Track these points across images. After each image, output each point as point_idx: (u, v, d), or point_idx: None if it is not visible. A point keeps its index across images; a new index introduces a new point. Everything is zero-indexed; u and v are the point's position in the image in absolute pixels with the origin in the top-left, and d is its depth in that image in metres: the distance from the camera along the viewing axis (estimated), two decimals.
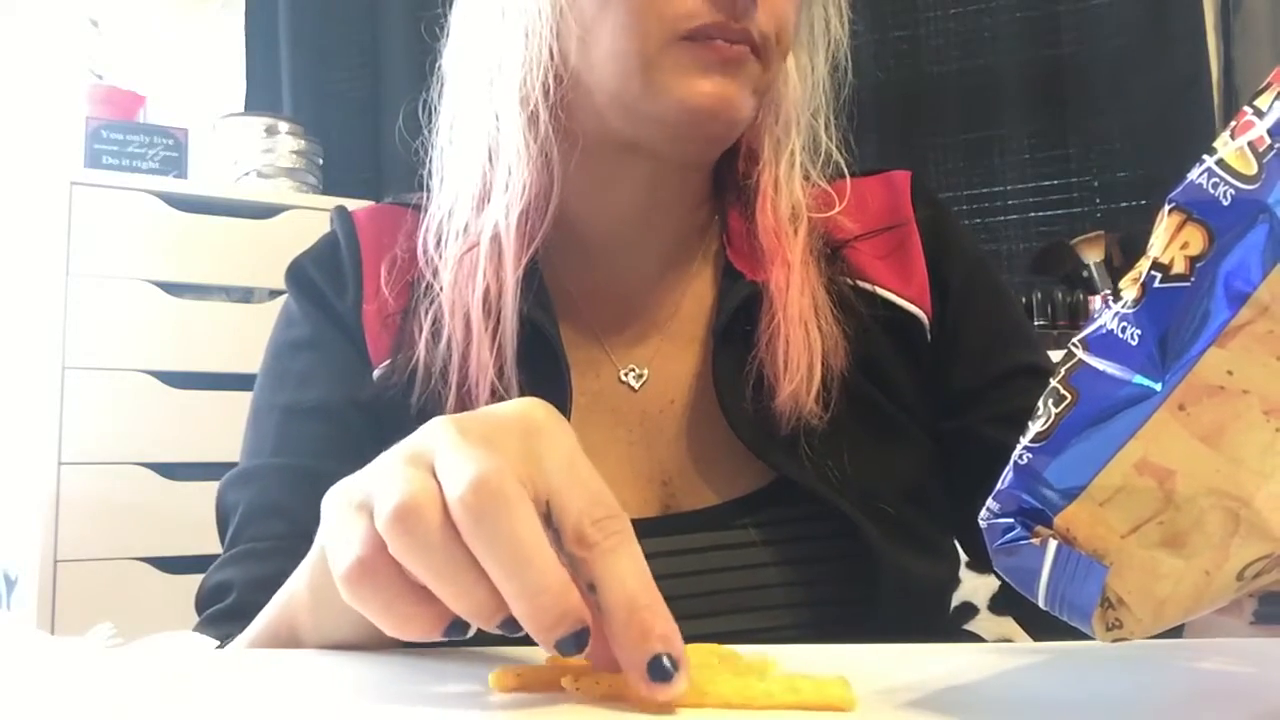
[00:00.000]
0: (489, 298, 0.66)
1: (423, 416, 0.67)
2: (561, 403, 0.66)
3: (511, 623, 0.37)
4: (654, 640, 0.36)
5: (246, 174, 2.21)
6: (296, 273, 0.75)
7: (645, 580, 0.37)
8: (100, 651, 0.50)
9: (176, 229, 2.00)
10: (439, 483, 0.37)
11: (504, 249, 0.67)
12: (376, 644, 0.48)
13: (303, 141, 2.27)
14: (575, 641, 0.36)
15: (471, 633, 0.39)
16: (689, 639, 0.50)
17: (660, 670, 0.36)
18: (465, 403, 0.66)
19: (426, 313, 0.68)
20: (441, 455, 0.38)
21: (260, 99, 2.57)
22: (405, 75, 2.55)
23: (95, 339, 1.90)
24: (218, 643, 0.53)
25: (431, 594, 0.37)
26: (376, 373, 0.70)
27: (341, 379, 0.70)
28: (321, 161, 2.31)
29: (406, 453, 0.39)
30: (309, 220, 2.06)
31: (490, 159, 0.69)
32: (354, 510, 0.39)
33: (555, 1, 0.65)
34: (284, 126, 2.26)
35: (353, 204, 0.84)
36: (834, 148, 0.74)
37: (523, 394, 0.65)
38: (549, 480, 0.38)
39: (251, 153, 2.22)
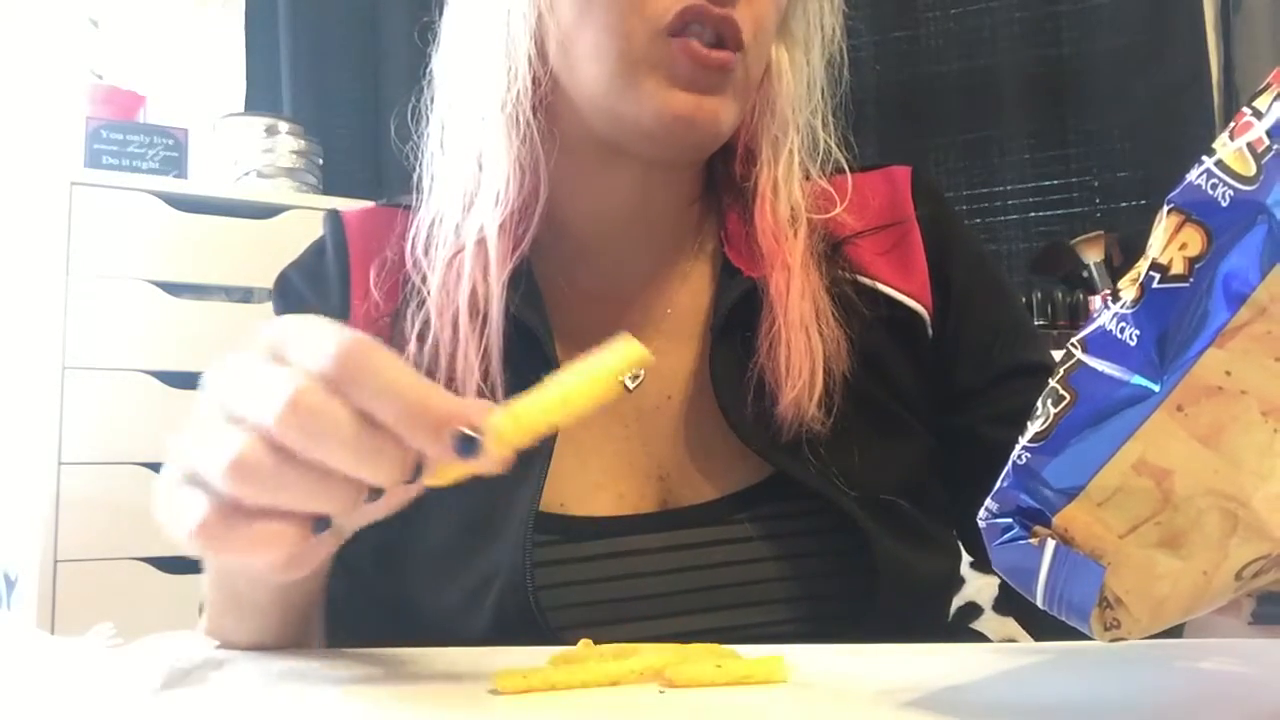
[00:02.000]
0: (475, 300, 0.67)
1: None
2: None
3: (418, 470, 0.40)
4: (454, 420, 0.39)
5: (246, 174, 2.21)
6: (282, 285, 0.76)
7: (410, 376, 0.39)
8: (100, 651, 0.50)
9: (176, 229, 2.00)
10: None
11: (490, 252, 0.67)
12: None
13: (303, 141, 2.27)
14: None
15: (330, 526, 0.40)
16: (688, 635, 0.50)
17: (466, 445, 0.39)
18: None
19: (415, 316, 0.68)
20: (291, 344, 0.40)
21: (260, 99, 2.57)
22: (405, 76, 2.53)
23: (95, 339, 1.90)
24: (217, 643, 0.53)
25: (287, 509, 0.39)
26: None
27: None
28: (321, 161, 2.31)
29: (258, 357, 0.41)
30: (309, 220, 2.06)
31: (477, 163, 0.69)
32: (219, 423, 0.40)
33: (535, 4, 0.66)
34: (284, 126, 2.26)
35: (352, 204, 0.84)
36: (834, 145, 0.74)
37: (509, 394, 0.66)
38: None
39: (251, 153, 2.22)
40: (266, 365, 0.40)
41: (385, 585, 0.68)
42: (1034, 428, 0.33)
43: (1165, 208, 0.32)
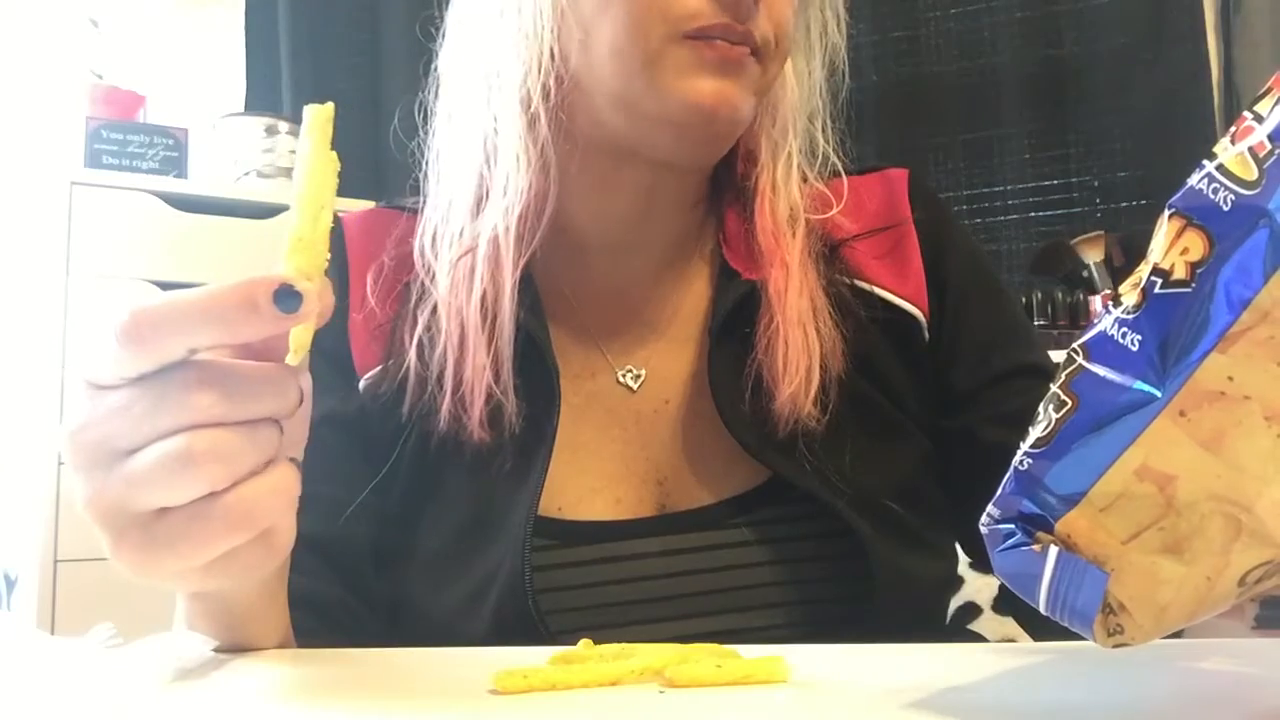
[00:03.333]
0: (486, 302, 0.66)
1: (416, 422, 0.67)
2: (550, 405, 0.66)
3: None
4: (257, 289, 0.39)
5: (246, 174, 2.21)
6: None
7: (190, 297, 0.39)
8: (100, 651, 0.50)
9: (176, 229, 2.00)
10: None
11: (501, 253, 0.66)
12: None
13: None
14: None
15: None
16: (685, 638, 0.50)
17: (286, 300, 0.39)
18: (460, 407, 0.66)
19: (420, 318, 0.68)
20: (94, 369, 0.40)
21: (260, 99, 2.57)
22: (405, 75, 2.54)
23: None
24: (216, 643, 0.53)
25: None
26: (363, 382, 0.70)
27: (319, 399, 0.70)
28: None
29: (90, 396, 0.40)
30: None
31: (488, 162, 0.68)
32: (113, 459, 0.40)
33: (556, 2, 0.65)
34: (284, 126, 2.26)
35: (352, 205, 0.84)
36: (831, 150, 0.74)
37: (519, 397, 0.65)
38: None
39: (251, 153, 2.22)
40: (105, 397, 0.40)
41: (384, 589, 0.68)
42: (1035, 433, 0.33)
43: (1167, 212, 0.32)
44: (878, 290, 0.71)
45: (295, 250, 0.41)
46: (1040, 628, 0.70)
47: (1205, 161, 0.31)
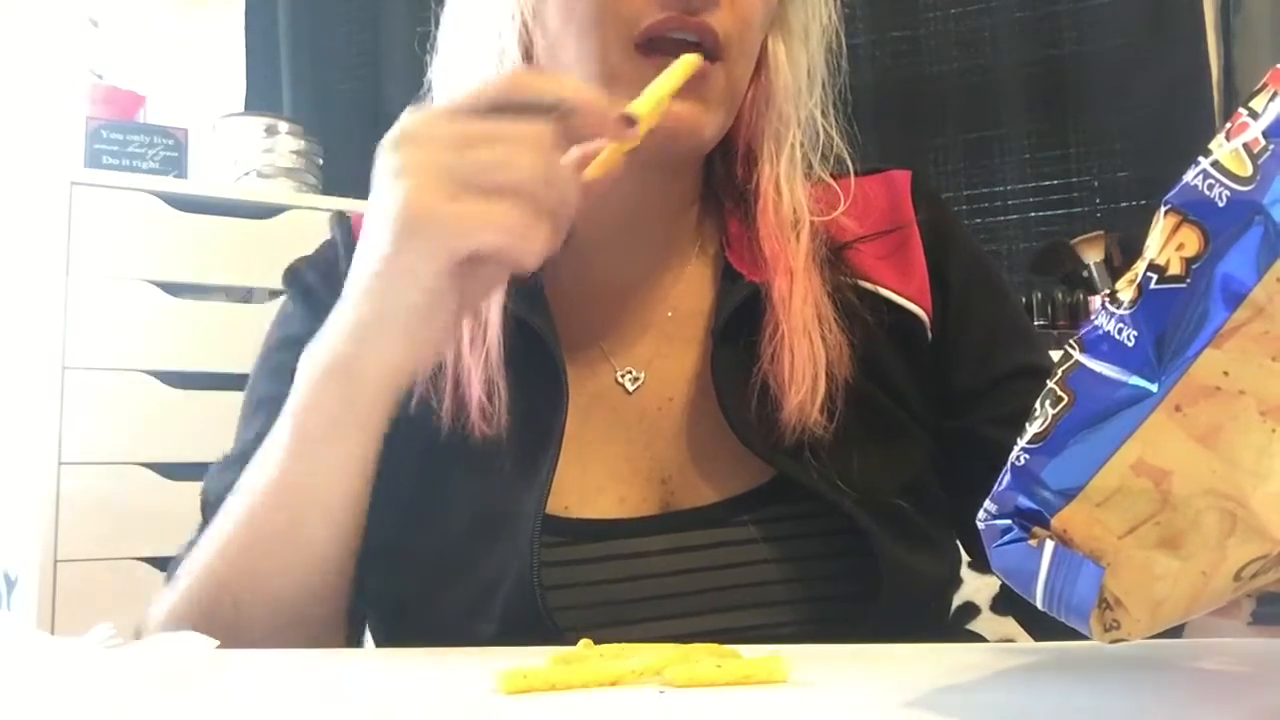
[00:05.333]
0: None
1: (419, 421, 0.67)
2: (558, 403, 0.66)
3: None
4: (605, 111, 0.55)
5: (246, 174, 2.21)
6: (293, 275, 0.76)
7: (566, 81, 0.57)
8: (100, 651, 0.50)
9: (176, 229, 2.00)
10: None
11: None
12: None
13: (303, 141, 2.26)
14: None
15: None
16: (691, 636, 0.50)
17: (628, 124, 0.54)
18: (459, 405, 0.66)
19: None
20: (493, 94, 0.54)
21: (260, 99, 2.57)
22: (405, 76, 2.55)
23: (95, 339, 1.90)
24: (217, 643, 0.53)
25: None
26: None
27: None
28: (321, 161, 2.31)
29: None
30: (309, 220, 2.06)
31: None
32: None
33: (521, 15, 0.67)
34: (284, 126, 2.26)
35: (352, 204, 0.84)
36: (836, 138, 0.74)
37: (514, 396, 0.66)
38: None
39: (251, 153, 2.22)
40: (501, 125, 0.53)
41: (387, 589, 0.68)
42: (1032, 429, 0.33)
43: (1162, 208, 0.32)
44: (882, 291, 0.72)
45: (648, 103, 0.56)
46: (1040, 628, 0.70)
47: (1201, 158, 0.31)
